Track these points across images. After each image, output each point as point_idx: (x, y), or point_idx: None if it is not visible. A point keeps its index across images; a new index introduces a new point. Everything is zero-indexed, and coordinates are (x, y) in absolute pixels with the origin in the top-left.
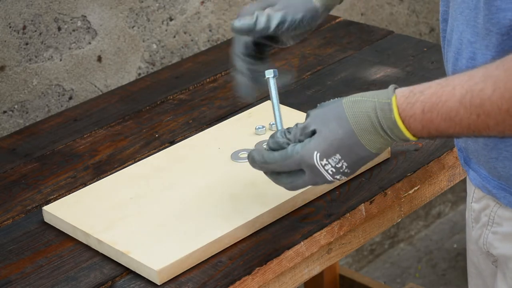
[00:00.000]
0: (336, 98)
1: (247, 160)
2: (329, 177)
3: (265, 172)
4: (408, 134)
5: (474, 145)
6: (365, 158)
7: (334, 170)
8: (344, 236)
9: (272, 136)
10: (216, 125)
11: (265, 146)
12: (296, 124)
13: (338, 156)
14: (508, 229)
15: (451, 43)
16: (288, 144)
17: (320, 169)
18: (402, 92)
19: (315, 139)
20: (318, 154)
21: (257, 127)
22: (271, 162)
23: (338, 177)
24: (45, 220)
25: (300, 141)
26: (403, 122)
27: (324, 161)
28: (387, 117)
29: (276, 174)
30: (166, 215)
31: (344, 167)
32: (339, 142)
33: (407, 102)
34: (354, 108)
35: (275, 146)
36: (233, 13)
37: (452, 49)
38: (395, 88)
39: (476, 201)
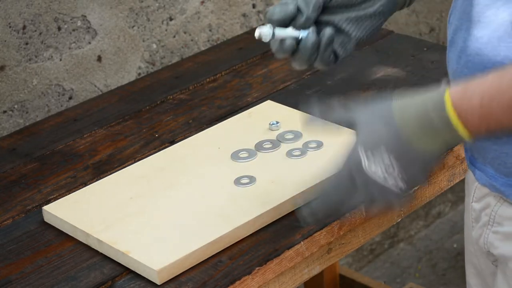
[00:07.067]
0: (382, 100)
1: (247, 160)
2: (380, 179)
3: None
4: (463, 131)
5: (481, 143)
6: (416, 158)
7: (383, 167)
8: (344, 236)
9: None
10: (216, 125)
11: None
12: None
13: (385, 153)
14: (509, 229)
15: (453, 43)
16: None
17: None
18: (455, 88)
19: (357, 134)
20: (363, 148)
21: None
22: (325, 202)
23: (391, 180)
24: (45, 220)
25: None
26: (458, 117)
27: (369, 153)
28: (440, 114)
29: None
30: (166, 215)
31: (394, 167)
32: (383, 137)
33: (462, 97)
34: (403, 109)
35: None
36: (233, 13)
37: (457, 48)
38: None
39: (477, 201)
